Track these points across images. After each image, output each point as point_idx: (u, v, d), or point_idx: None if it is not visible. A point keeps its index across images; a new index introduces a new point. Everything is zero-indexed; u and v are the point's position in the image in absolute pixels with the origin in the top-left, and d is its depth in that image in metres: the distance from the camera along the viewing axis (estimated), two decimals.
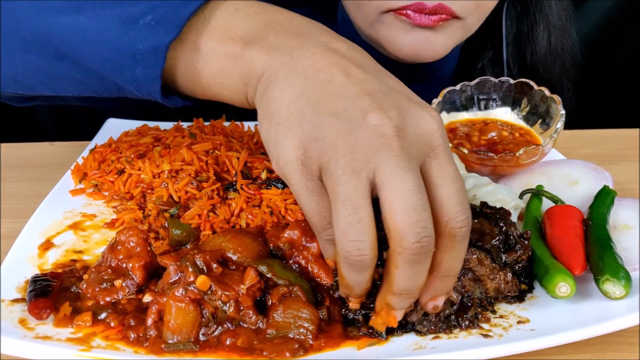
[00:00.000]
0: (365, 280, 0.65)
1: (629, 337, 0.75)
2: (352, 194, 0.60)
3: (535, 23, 1.34)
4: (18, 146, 1.25)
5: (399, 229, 0.59)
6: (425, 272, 0.63)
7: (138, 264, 0.77)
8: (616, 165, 1.14)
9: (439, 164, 0.63)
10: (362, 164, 0.60)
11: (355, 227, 0.60)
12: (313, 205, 0.65)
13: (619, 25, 1.80)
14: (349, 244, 0.61)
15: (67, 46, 0.74)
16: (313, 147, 0.62)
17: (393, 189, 0.59)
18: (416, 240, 0.59)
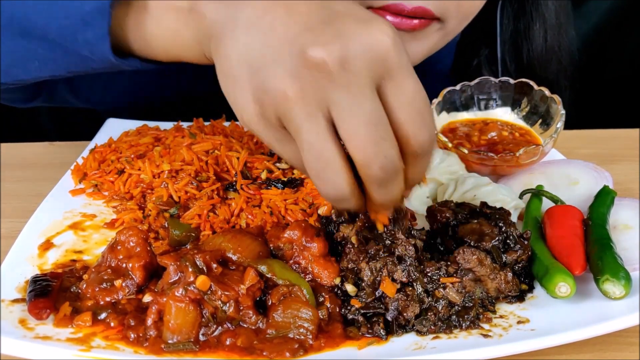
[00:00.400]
0: (354, 204, 0.65)
1: (629, 337, 0.75)
2: (315, 140, 0.60)
3: (532, 21, 1.34)
4: (18, 146, 1.25)
5: (362, 161, 0.60)
6: (398, 187, 0.64)
7: (138, 264, 0.77)
8: (616, 165, 1.14)
9: (395, 85, 0.61)
10: (315, 106, 0.59)
11: (326, 171, 0.61)
12: (289, 153, 0.65)
13: (619, 25, 1.80)
14: (325, 188, 0.62)
15: (29, 22, 0.78)
16: (266, 100, 0.61)
17: (348, 125, 0.59)
18: (380, 167, 0.60)
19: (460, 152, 1.06)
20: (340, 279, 0.78)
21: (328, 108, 0.59)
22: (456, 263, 0.77)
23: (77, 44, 0.77)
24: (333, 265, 0.80)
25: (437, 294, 0.75)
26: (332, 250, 0.83)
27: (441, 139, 1.09)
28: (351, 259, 0.79)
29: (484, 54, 1.41)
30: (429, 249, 0.83)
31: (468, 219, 0.83)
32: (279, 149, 0.65)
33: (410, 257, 0.76)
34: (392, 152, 0.61)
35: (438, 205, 0.87)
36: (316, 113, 0.59)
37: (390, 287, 0.73)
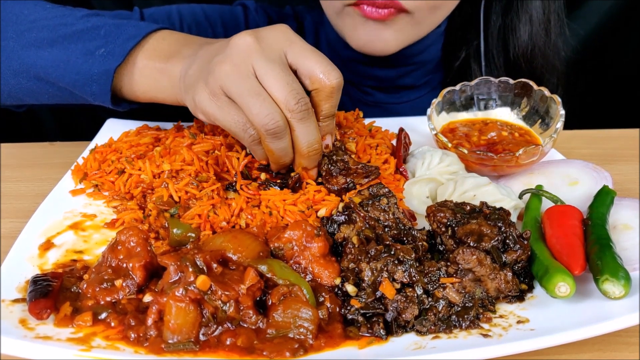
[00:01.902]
0: (288, 146, 0.90)
1: (629, 337, 0.76)
2: (251, 87, 0.85)
3: (517, 18, 1.38)
4: (18, 146, 1.25)
5: (283, 100, 0.85)
6: (315, 125, 0.90)
7: (138, 264, 0.77)
8: (616, 165, 1.15)
9: (297, 48, 0.88)
10: (245, 69, 0.86)
11: (264, 105, 0.84)
12: (228, 118, 0.88)
13: (619, 26, 1.80)
14: (264, 119, 0.85)
15: (44, 72, 1.04)
16: (212, 81, 0.87)
17: (267, 77, 0.85)
18: (296, 102, 0.85)
19: (460, 152, 1.06)
20: (340, 279, 0.78)
21: (254, 70, 0.86)
22: (456, 263, 0.77)
23: (83, 93, 1.04)
24: (333, 265, 0.80)
25: (437, 294, 0.75)
26: (332, 250, 0.83)
27: (441, 139, 1.09)
28: (352, 259, 0.79)
29: (473, 46, 1.42)
30: (429, 249, 0.83)
31: (467, 219, 0.83)
32: (221, 116, 0.88)
33: (411, 258, 0.76)
34: (300, 90, 0.86)
35: (438, 205, 0.87)
36: (248, 73, 0.86)
37: (390, 288, 0.73)
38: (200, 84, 0.89)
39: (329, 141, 0.96)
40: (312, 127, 0.89)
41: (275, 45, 0.88)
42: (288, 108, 0.86)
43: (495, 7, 1.39)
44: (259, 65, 0.86)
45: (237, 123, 0.88)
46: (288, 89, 0.85)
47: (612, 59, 1.85)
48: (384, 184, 0.90)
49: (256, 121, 0.85)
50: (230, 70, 0.86)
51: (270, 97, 0.85)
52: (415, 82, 1.46)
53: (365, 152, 1.04)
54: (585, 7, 1.79)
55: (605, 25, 1.80)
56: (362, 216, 0.85)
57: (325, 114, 0.92)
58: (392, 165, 1.03)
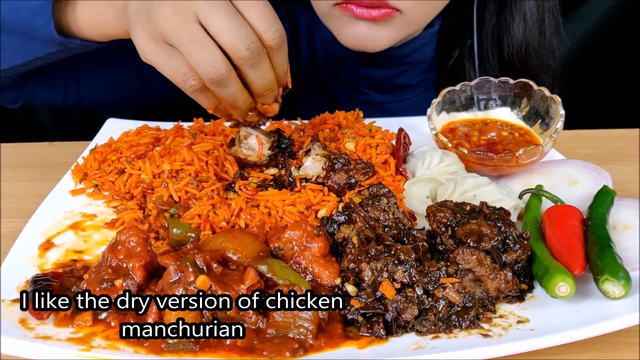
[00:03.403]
0: (237, 90, 0.84)
1: (629, 337, 0.76)
2: (192, 34, 0.79)
3: (511, 17, 1.37)
4: (18, 146, 1.25)
5: (231, 46, 0.79)
6: (268, 67, 0.84)
7: (138, 264, 0.77)
8: (616, 165, 1.15)
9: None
10: (187, 15, 0.80)
11: (204, 53, 0.79)
12: (168, 66, 0.83)
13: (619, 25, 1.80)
14: (206, 67, 0.80)
15: (5, 19, 1.03)
16: (151, 26, 0.82)
17: (214, 22, 0.79)
18: (246, 48, 0.80)
19: (459, 152, 1.06)
20: (340, 279, 0.78)
21: (196, 16, 0.79)
22: (456, 263, 0.77)
23: (33, 31, 1.02)
24: (334, 265, 0.80)
25: (437, 294, 0.75)
26: (332, 250, 0.83)
27: (441, 139, 1.09)
28: (352, 259, 0.79)
29: (466, 45, 1.43)
30: (429, 249, 0.83)
31: (467, 219, 0.83)
32: (161, 64, 0.83)
33: (411, 258, 0.76)
34: (251, 36, 0.80)
35: (438, 205, 0.87)
36: (189, 18, 0.80)
37: (390, 288, 0.73)
38: (138, 26, 0.84)
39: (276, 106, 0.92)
40: (265, 68, 0.84)
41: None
42: (237, 55, 0.80)
43: (489, 6, 1.39)
44: (202, 9, 0.80)
45: (177, 72, 0.83)
46: (236, 34, 0.79)
47: (612, 58, 1.85)
48: (384, 184, 0.90)
49: (198, 70, 0.81)
50: (170, 15, 0.80)
51: (213, 43, 0.80)
52: (409, 81, 1.46)
53: (365, 152, 1.04)
54: (584, 7, 1.79)
55: (605, 25, 1.80)
56: (362, 216, 0.85)
57: (277, 70, 0.86)
58: (392, 165, 1.03)
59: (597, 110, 1.75)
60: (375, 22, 1.19)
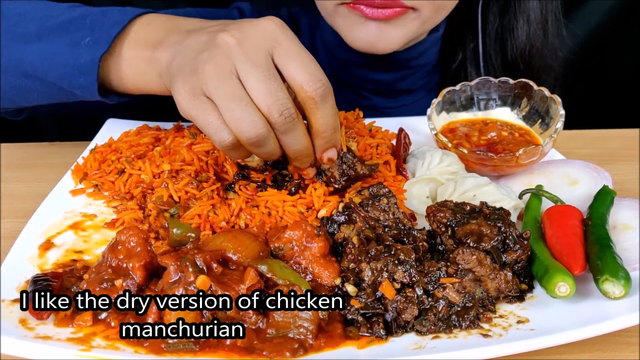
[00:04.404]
0: (274, 148, 0.83)
1: (629, 337, 0.76)
2: (233, 91, 0.79)
3: (515, 19, 1.37)
4: (18, 146, 1.25)
5: (265, 110, 0.79)
6: (301, 134, 0.83)
7: (138, 264, 0.77)
8: (616, 165, 1.15)
9: (283, 50, 0.81)
10: (227, 71, 0.80)
11: (246, 111, 0.79)
12: (202, 118, 0.81)
13: (619, 26, 1.80)
14: (246, 127, 0.79)
15: (32, 67, 0.99)
16: (193, 80, 0.81)
17: (250, 82, 0.79)
18: (279, 114, 0.79)
19: (460, 152, 1.06)
20: (340, 279, 0.78)
21: (236, 73, 0.80)
22: (456, 263, 0.77)
23: (71, 86, 0.99)
24: (334, 265, 0.80)
25: (437, 294, 0.75)
26: (332, 251, 0.83)
27: (441, 139, 1.09)
28: (352, 259, 0.79)
29: (470, 48, 1.42)
30: (429, 249, 0.83)
31: (467, 219, 0.83)
32: (199, 116, 0.82)
33: (411, 258, 0.76)
34: (286, 102, 0.79)
35: (438, 205, 0.87)
36: (230, 75, 0.80)
37: (390, 289, 0.73)
38: (179, 80, 0.83)
39: (331, 154, 0.88)
40: (298, 136, 0.83)
41: (260, 46, 0.81)
42: (271, 120, 0.79)
43: (492, 7, 1.38)
44: (242, 68, 0.80)
45: (210, 124, 0.81)
46: (271, 99, 0.79)
47: (612, 58, 1.85)
48: (384, 184, 0.90)
49: (237, 128, 0.79)
50: (211, 70, 0.80)
51: (253, 103, 0.79)
52: (412, 85, 1.45)
53: (366, 152, 1.04)
54: (585, 7, 1.79)
55: (605, 25, 1.80)
56: (362, 216, 0.85)
57: (316, 129, 0.84)
58: (393, 165, 1.03)
59: (597, 110, 1.75)
60: (387, 22, 1.16)
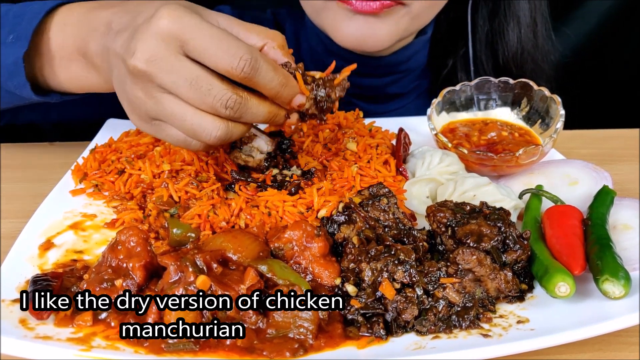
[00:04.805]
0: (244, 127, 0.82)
1: (629, 337, 0.76)
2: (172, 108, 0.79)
3: (506, 21, 1.34)
4: (18, 146, 1.25)
5: (211, 111, 0.77)
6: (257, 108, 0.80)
7: (138, 264, 0.77)
8: (616, 165, 1.15)
9: (191, 47, 0.76)
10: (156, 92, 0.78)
11: (196, 120, 0.78)
12: (168, 137, 0.83)
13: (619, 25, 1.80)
14: (207, 134, 0.78)
15: None
16: (134, 111, 0.83)
17: (182, 93, 0.77)
18: (225, 107, 0.77)
19: (460, 152, 1.06)
20: (340, 280, 0.78)
21: (168, 91, 0.78)
22: (456, 263, 0.77)
23: (11, 88, 1.00)
24: (334, 265, 0.80)
25: (437, 294, 0.75)
26: (332, 251, 0.83)
27: (441, 139, 1.09)
28: (352, 259, 0.79)
29: (460, 54, 1.40)
30: (429, 249, 0.83)
31: (467, 219, 0.83)
32: (163, 137, 0.83)
33: (411, 258, 0.76)
34: (222, 91, 0.76)
35: (438, 205, 0.87)
36: (161, 97, 0.78)
37: (390, 289, 0.73)
38: (127, 109, 0.84)
39: (298, 100, 0.84)
40: (255, 110, 0.80)
41: (169, 56, 0.76)
42: (222, 115, 0.78)
43: (481, 11, 1.35)
44: (168, 85, 0.77)
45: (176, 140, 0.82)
46: (209, 98, 0.76)
47: (612, 58, 1.85)
48: (384, 184, 0.90)
49: (198, 136, 0.79)
50: (144, 98, 0.79)
51: (198, 110, 0.78)
52: (401, 89, 1.42)
53: (366, 152, 1.04)
54: (585, 7, 1.79)
55: (605, 25, 1.80)
56: (362, 216, 0.85)
57: (268, 95, 0.81)
58: (393, 165, 1.03)
59: (597, 110, 1.75)
60: (376, 16, 1.12)
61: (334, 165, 1.00)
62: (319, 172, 0.99)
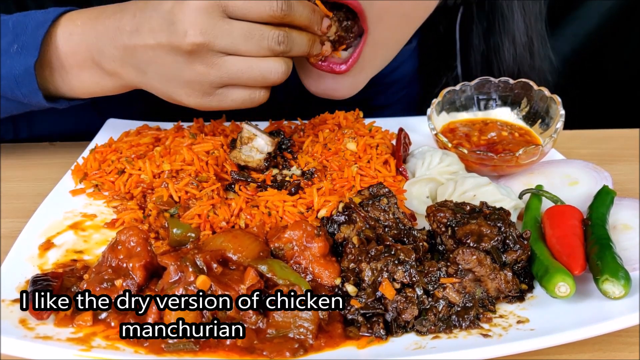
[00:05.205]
0: (300, 42, 0.90)
1: (629, 337, 0.76)
2: (236, 65, 0.87)
3: (501, 41, 1.32)
4: (18, 146, 1.25)
5: (269, 52, 0.87)
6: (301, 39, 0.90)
7: (138, 264, 0.77)
8: (616, 165, 1.15)
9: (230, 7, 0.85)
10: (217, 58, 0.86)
11: (258, 66, 0.87)
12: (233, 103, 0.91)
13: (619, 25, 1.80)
14: (271, 75, 0.88)
15: None
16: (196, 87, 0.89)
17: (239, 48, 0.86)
18: (278, 44, 0.87)
19: (460, 152, 1.06)
20: (340, 280, 0.78)
21: (224, 52, 0.86)
22: (456, 263, 0.77)
23: (18, 97, 1.00)
24: (334, 265, 0.80)
25: (437, 294, 0.75)
26: (333, 251, 0.83)
27: (441, 139, 1.09)
28: (352, 259, 0.79)
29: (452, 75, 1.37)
30: (429, 249, 0.83)
31: (467, 219, 0.83)
32: (227, 102, 0.90)
33: (411, 258, 0.76)
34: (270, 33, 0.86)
35: (438, 205, 0.87)
36: (223, 62, 0.86)
37: (390, 289, 0.73)
38: (181, 94, 0.90)
39: (325, 23, 0.95)
40: (300, 41, 0.90)
41: (212, 19, 0.85)
42: (278, 52, 0.87)
43: (476, 29, 1.32)
44: (222, 47, 0.85)
45: (244, 102, 0.90)
46: (264, 42, 0.85)
47: (612, 59, 1.85)
48: (384, 184, 0.90)
49: (266, 79, 0.88)
50: (205, 70, 0.87)
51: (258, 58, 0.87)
52: (388, 100, 1.40)
53: (366, 152, 1.04)
54: (585, 7, 1.79)
55: (605, 25, 1.80)
56: (362, 216, 0.85)
57: (303, 26, 0.90)
58: (393, 165, 1.03)
59: (597, 110, 1.75)
60: None
61: (334, 165, 1.00)
62: (319, 172, 0.99)
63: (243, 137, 0.99)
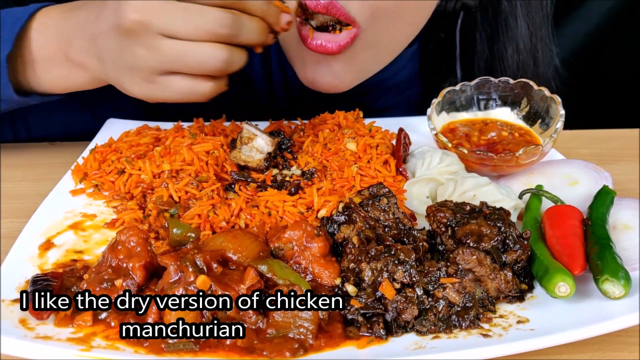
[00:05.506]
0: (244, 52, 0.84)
1: (629, 337, 0.76)
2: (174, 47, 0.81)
3: (504, 47, 1.30)
4: (18, 146, 1.25)
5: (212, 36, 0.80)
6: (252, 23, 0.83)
7: (138, 264, 0.77)
8: (616, 165, 1.15)
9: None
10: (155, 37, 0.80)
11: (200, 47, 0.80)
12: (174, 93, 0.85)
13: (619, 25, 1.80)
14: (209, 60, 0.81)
15: None
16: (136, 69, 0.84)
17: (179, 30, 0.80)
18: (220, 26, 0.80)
19: (460, 152, 1.06)
20: (340, 280, 0.78)
21: (165, 33, 0.80)
22: (456, 263, 0.77)
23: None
24: (334, 265, 0.80)
25: (437, 294, 0.75)
26: (332, 251, 0.83)
27: (441, 139, 1.09)
28: (352, 259, 0.79)
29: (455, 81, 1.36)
30: (429, 249, 0.83)
31: (467, 219, 0.83)
32: (169, 92, 0.84)
33: (411, 258, 0.76)
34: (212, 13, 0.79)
35: (438, 205, 0.87)
36: (161, 43, 0.80)
37: (390, 289, 0.73)
38: (126, 80, 0.86)
39: (284, 19, 0.87)
40: (251, 26, 0.83)
41: None
42: (223, 36, 0.80)
43: (478, 36, 1.30)
44: (162, 27, 0.80)
45: (185, 89, 0.84)
46: (209, 21, 0.79)
47: (612, 59, 1.86)
48: (384, 184, 0.90)
49: (204, 65, 0.81)
50: (144, 53, 0.81)
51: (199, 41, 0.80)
52: (389, 103, 1.40)
53: (366, 152, 1.04)
54: (585, 7, 1.79)
55: (605, 25, 1.80)
56: (362, 216, 0.85)
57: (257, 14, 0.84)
58: (393, 165, 1.03)
59: (597, 110, 1.75)
60: None
61: (333, 165, 1.00)
62: (319, 172, 0.99)
63: (243, 137, 0.99)
